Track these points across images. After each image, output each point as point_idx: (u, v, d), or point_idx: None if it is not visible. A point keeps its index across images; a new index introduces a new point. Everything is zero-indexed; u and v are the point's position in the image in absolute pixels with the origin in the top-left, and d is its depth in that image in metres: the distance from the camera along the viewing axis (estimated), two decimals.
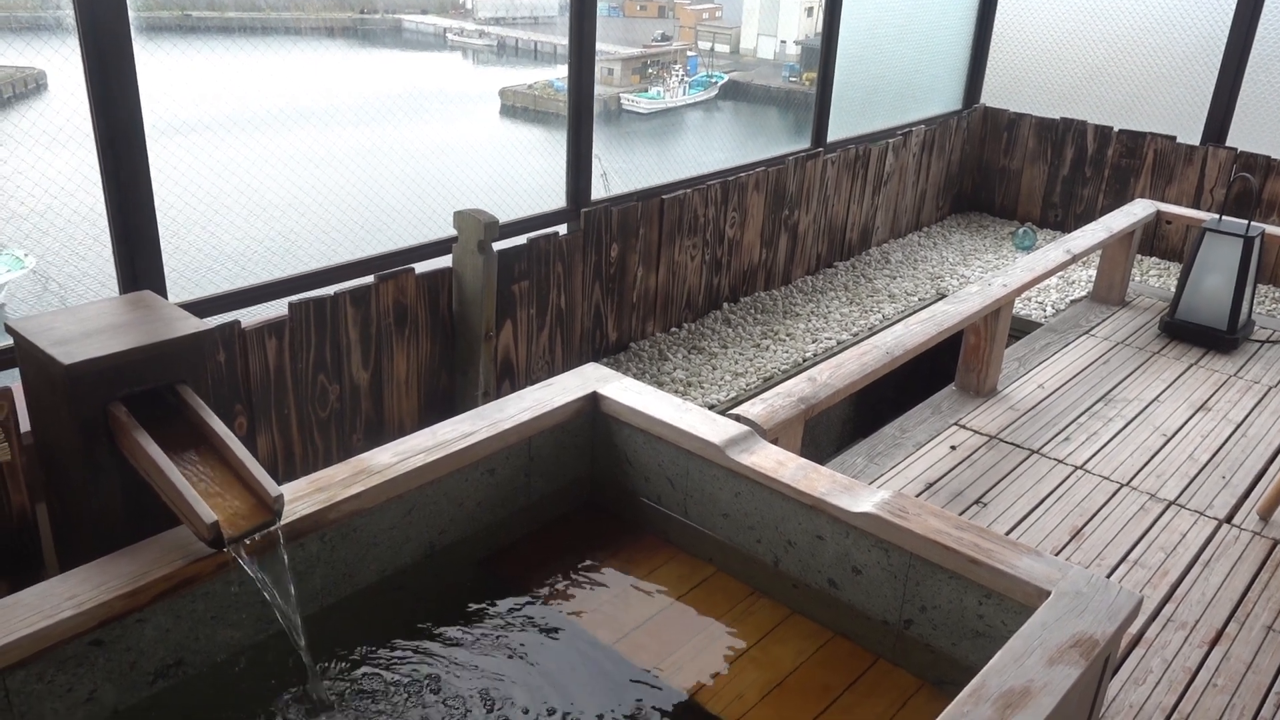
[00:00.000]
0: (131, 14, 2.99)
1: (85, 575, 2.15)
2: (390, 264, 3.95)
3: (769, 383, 4.93)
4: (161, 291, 3.28)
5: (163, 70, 3.28)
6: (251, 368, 3.49)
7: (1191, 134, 6.96)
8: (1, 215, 3.35)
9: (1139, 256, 7.07)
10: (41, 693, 2.04)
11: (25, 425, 2.75)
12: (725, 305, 5.78)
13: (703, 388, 4.87)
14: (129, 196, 3.13)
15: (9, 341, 2.87)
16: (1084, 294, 6.23)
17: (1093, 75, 7.62)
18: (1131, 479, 4.08)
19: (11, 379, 2.91)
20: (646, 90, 8.06)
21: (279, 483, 2.32)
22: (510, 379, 4.54)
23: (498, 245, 4.05)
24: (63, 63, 3.08)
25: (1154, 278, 6.72)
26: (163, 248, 3.28)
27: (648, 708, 2.39)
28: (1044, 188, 7.67)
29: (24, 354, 2.46)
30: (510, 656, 2.49)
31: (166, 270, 3.31)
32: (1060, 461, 4.19)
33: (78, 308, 2.58)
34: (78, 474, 2.41)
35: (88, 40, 2.95)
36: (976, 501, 3.88)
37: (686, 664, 2.52)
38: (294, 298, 3.62)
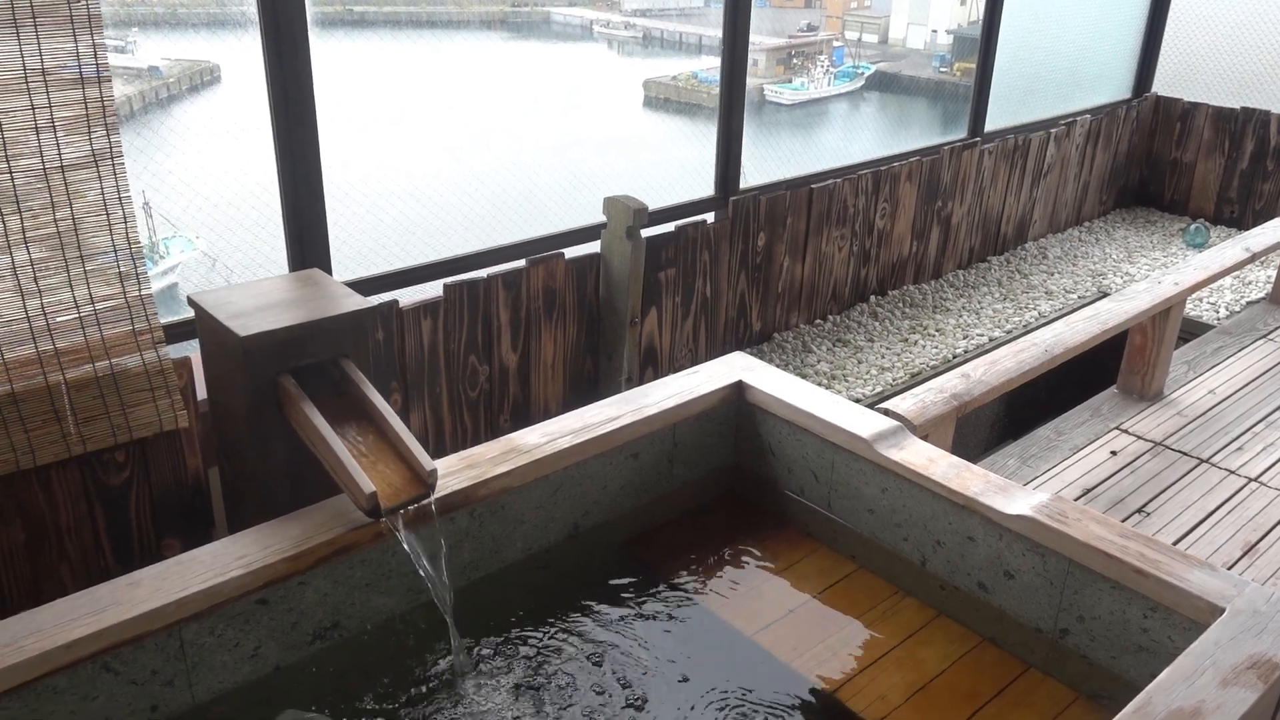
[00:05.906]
0: (310, 9, 3.12)
1: (253, 537, 2.26)
2: (540, 249, 4.02)
3: (917, 378, 4.80)
4: (327, 269, 3.43)
5: (334, 61, 3.42)
6: (407, 346, 3.61)
7: None
8: (179, 202, 3.56)
9: None
10: (212, 645, 2.17)
11: (202, 393, 2.92)
12: (872, 298, 5.65)
13: (847, 381, 4.78)
14: (301, 180, 3.28)
15: (185, 315, 3.07)
16: (1262, 295, 5.82)
17: (1278, 62, 7.10)
18: None
19: (184, 350, 3.10)
20: (790, 81, 7.94)
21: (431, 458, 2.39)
22: (654, 366, 4.56)
23: (645, 233, 4.07)
24: (244, 54, 3.23)
25: None
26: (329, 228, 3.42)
27: (787, 700, 2.36)
28: (1219, 182, 7.20)
29: (203, 325, 2.61)
30: (648, 639, 2.50)
31: (331, 249, 3.45)
32: (1232, 472, 3.93)
33: (252, 283, 2.72)
34: (248, 441, 2.55)
35: (268, 33, 3.09)
36: (1139, 510, 3.68)
37: (827, 660, 2.48)
38: (448, 279, 3.72)
